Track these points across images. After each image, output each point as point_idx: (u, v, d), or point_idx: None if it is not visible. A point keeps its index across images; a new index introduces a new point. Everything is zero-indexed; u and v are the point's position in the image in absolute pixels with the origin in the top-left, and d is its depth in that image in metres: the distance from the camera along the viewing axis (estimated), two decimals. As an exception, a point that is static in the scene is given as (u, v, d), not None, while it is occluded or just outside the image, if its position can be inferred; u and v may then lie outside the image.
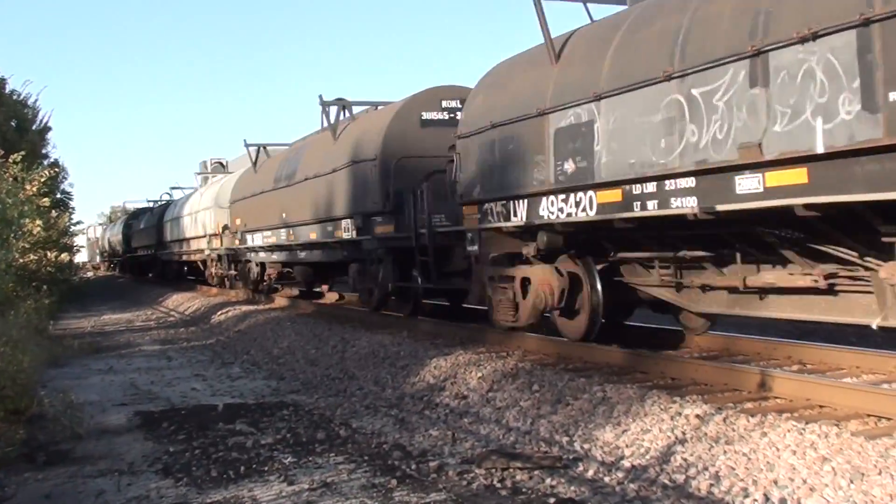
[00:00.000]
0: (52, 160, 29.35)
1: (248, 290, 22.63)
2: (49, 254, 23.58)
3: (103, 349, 15.63)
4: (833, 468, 5.17)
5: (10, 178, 16.02)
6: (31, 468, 6.88)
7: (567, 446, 6.56)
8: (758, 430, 5.92)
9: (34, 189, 18.52)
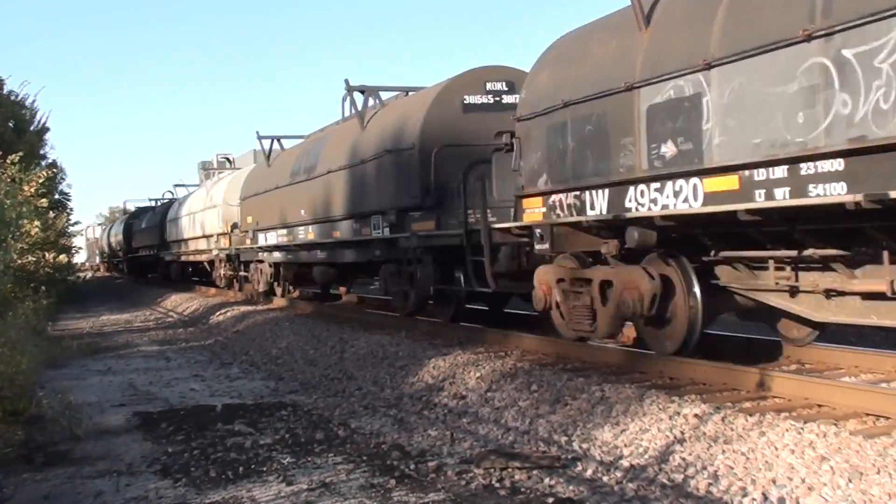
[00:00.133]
0: (49, 161, 29.41)
1: (259, 293, 21.46)
2: (47, 255, 23.57)
3: (102, 350, 15.63)
4: (831, 467, 5.17)
5: (9, 179, 16.04)
6: (30, 469, 6.88)
7: (566, 446, 6.57)
8: (756, 429, 5.92)
9: (32, 190, 18.56)
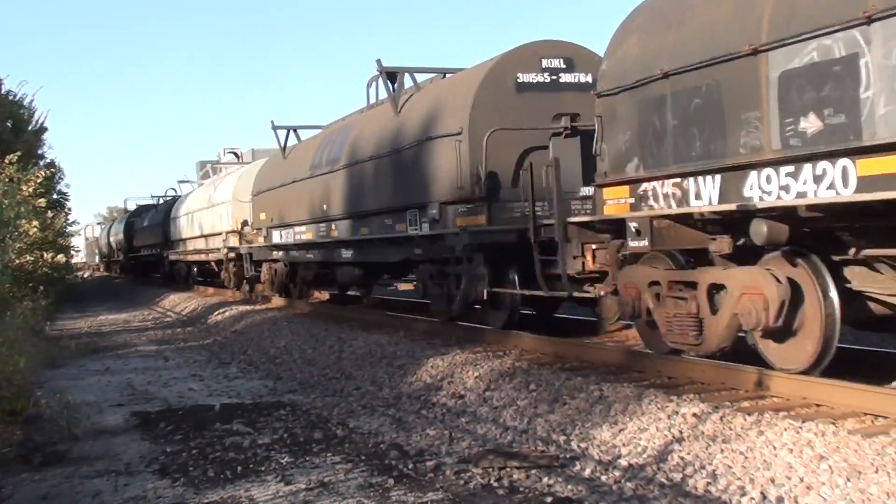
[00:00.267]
0: (47, 161, 29.38)
1: (272, 294, 20.49)
2: (46, 255, 23.57)
3: (100, 350, 15.63)
4: (830, 466, 5.17)
5: (7, 179, 16.04)
6: (28, 469, 6.88)
7: (564, 445, 6.57)
8: (755, 428, 5.92)
9: (30, 189, 18.56)
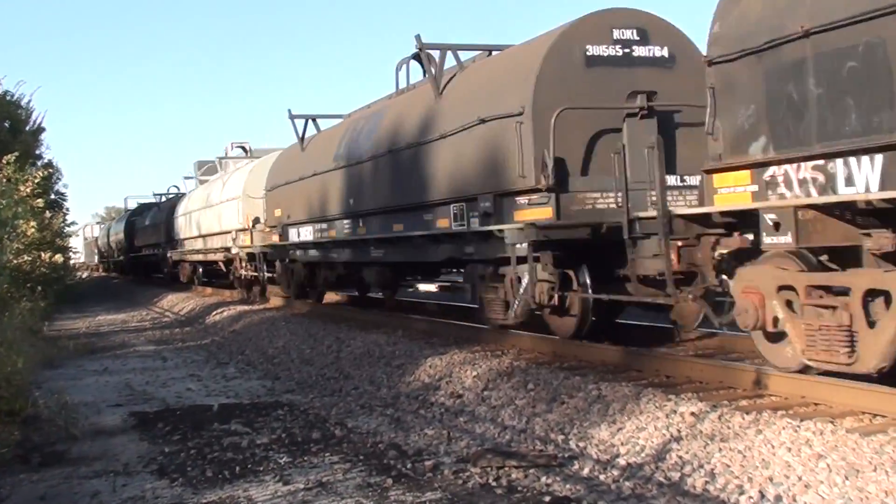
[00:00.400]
0: (45, 161, 29.38)
1: (288, 296, 19.39)
2: (44, 255, 23.55)
3: (98, 350, 15.62)
4: (828, 465, 5.17)
5: (4, 179, 16.04)
6: (26, 469, 6.87)
7: (562, 444, 6.57)
8: (753, 427, 5.93)
9: (28, 190, 18.56)
